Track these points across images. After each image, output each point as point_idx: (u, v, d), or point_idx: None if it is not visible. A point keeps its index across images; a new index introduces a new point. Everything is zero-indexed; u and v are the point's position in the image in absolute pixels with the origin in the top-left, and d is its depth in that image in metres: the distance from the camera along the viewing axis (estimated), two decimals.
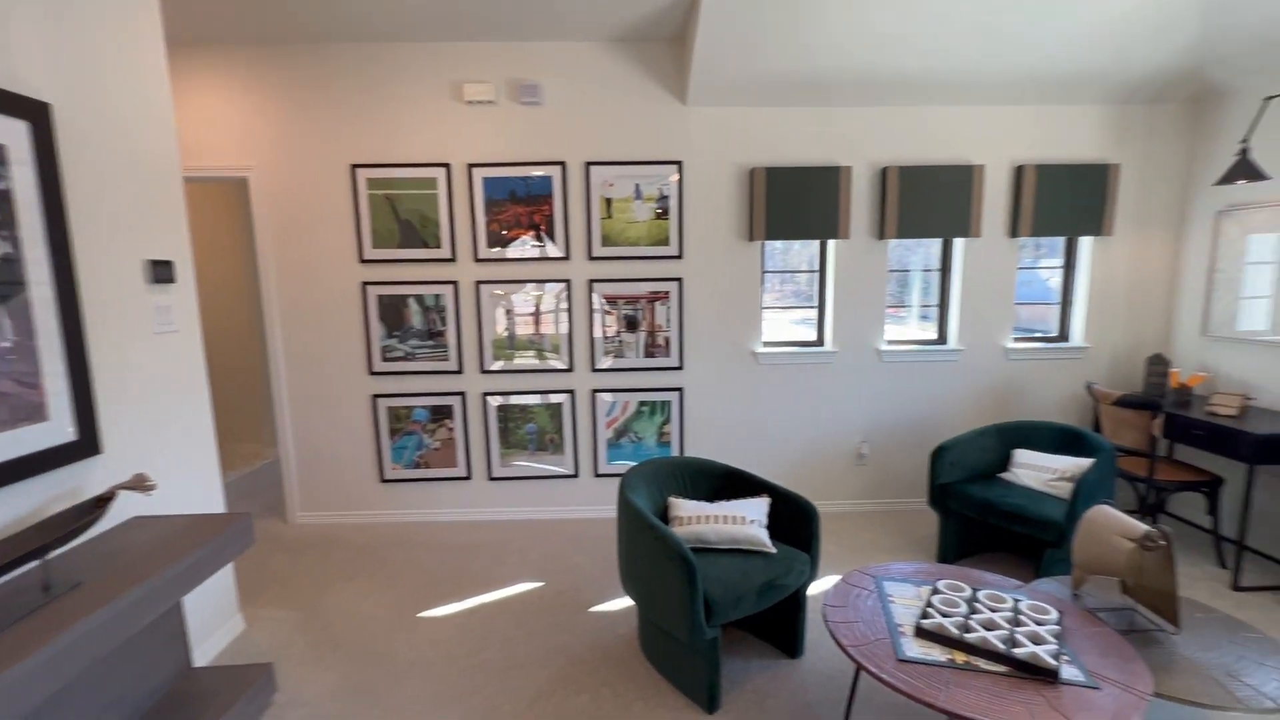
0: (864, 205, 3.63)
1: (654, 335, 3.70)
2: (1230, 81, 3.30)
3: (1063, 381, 3.85)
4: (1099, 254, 3.73)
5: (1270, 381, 3.21)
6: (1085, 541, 2.10)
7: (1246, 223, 3.29)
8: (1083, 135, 3.61)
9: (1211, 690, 1.72)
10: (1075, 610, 1.99)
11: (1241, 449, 2.84)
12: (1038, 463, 3.10)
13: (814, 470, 3.90)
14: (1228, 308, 3.40)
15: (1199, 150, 3.57)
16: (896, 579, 2.16)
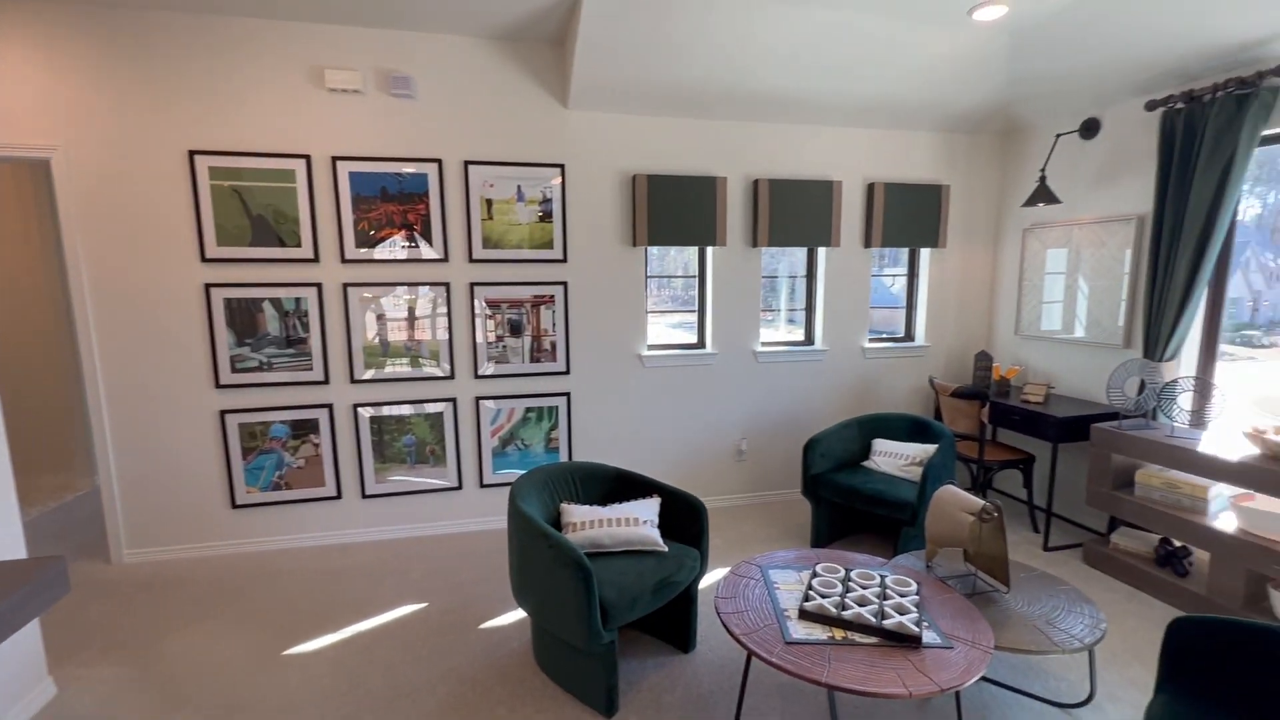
0: (739, 214, 3.83)
1: (539, 340, 3.64)
2: (1031, 119, 3.89)
3: (910, 376, 4.31)
4: (935, 264, 4.23)
5: (1066, 372, 3.82)
6: (935, 518, 2.37)
7: (1045, 239, 3.90)
8: (921, 158, 4.08)
9: (1036, 638, 2.01)
10: (930, 580, 2.23)
11: (1047, 430, 3.36)
12: (893, 450, 3.44)
13: (698, 468, 4.04)
14: (1034, 310, 4.01)
15: (1009, 176, 4.17)
16: (780, 566, 2.30)
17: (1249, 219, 8.52)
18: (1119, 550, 3.12)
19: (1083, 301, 3.66)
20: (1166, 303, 3.05)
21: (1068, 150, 3.69)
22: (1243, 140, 2.73)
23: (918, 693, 1.59)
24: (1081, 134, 3.56)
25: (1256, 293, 8.05)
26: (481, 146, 3.41)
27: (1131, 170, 3.34)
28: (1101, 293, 3.54)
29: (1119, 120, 3.40)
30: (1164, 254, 3.05)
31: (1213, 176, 2.83)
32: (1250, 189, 8.05)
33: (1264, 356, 7.77)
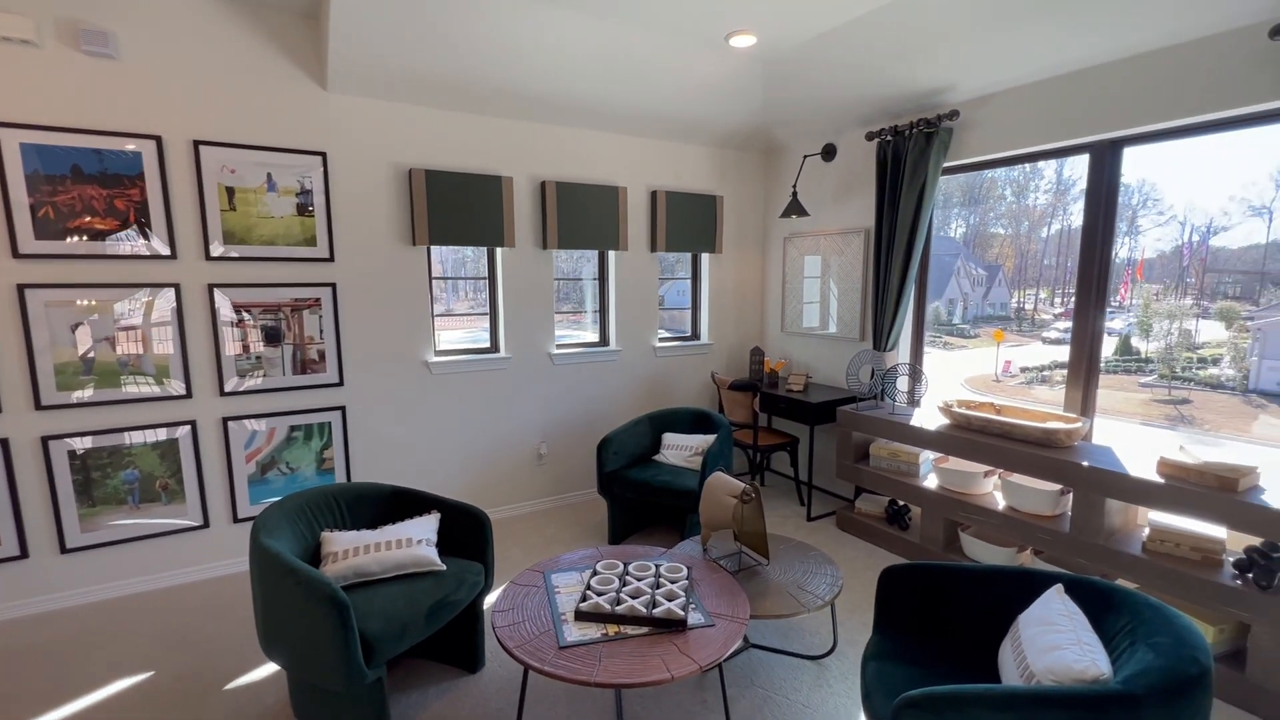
0: (527, 216, 3.78)
1: (303, 349, 3.23)
2: (785, 141, 4.40)
3: (696, 372, 4.63)
4: (714, 268, 4.59)
5: (820, 363, 4.38)
6: (706, 504, 2.54)
7: (801, 247, 4.43)
8: (697, 169, 4.40)
9: (787, 602, 2.25)
10: (703, 563, 2.39)
11: (805, 415, 3.82)
12: (679, 443, 3.65)
13: (498, 476, 3.91)
14: (796, 310, 4.54)
15: (770, 190, 4.67)
16: (563, 569, 2.28)
17: (959, 235, 10.36)
18: (861, 514, 3.66)
19: (834, 302, 4.23)
20: (885, 302, 3.64)
21: (814, 170, 4.24)
22: (931, 169, 3.35)
23: (679, 674, 1.67)
24: (823, 157, 4.11)
25: (965, 294, 9.94)
26: (217, 125, 2.92)
27: (860, 189, 3.94)
28: (845, 294, 4.12)
29: (849, 147, 3.99)
30: (883, 261, 3.64)
31: (913, 197, 3.43)
32: (958, 212, 9.74)
33: (972, 345, 9.55)
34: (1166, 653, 1.33)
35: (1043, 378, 6.85)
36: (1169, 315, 6.68)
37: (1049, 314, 7.89)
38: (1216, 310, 6.55)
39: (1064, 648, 1.43)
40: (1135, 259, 8.12)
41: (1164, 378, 6.68)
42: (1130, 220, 8.24)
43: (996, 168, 3.44)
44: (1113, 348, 7.51)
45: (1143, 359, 6.72)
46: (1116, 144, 2.83)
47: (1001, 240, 9.16)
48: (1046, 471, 2.68)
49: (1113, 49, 2.66)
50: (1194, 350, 6.52)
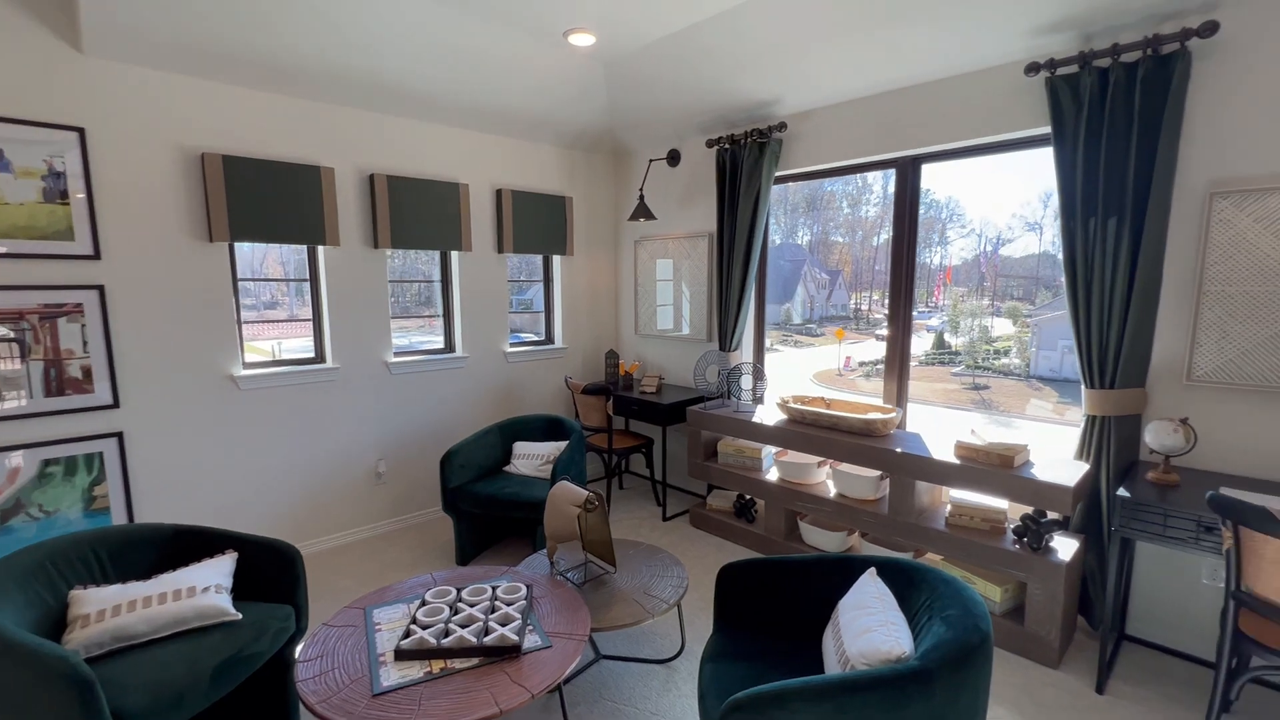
0: (354, 212, 3.43)
1: (60, 365, 2.66)
2: (632, 144, 4.43)
3: (551, 378, 4.51)
4: (566, 270, 4.50)
5: (673, 365, 4.46)
6: (551, 516, 2.44)
7: (652, 250, 4.48)
8: (546, 169, 4.29)
9: (633, 610, 2.20)
10: (546, 579, 2.27)
11: (658, 416, 3.85)
12: (531, 451, 3.51)
13: (330, 500, 3.51)
14: (649, 312, 4.58)
15: (620, 192, 4.68)
16: (389, 603, 2.06)
17: (805, 243, 10.97)
18: (712, 510, 3.75)
19: (685, 304, 4.32)
20: (729, 303, 3.77)
21: (660, 174, 4.30)
22: (764, 178, 3.52)
23: (509, 706, 1.55)
24: (669, 162, 4.19)
25: (812, 297, 10.68)
26: None
27: (703, 195, 4.06)
28: (695, 296, 4.22)
29: (692, 153, 4.09)
30: (725, 264, 3.77)
31: (749, 203, 3.59)
32: (804, 220, 10.36)
33: (819, 343, 10.27)
34: (955, 624, 1.45)
35: (877, 371, 7.61)
36: (971, 314, 7.72)
37: (881, 314, 8.82)
38: (1006, 309, 7.68)
39: (874, 630, 1.51)
40: (945, 266, 9.21)
41: (969, 367, 7.65)
42: (941, 232, 9.29)
43: (820, 178, 3.69)
44: (931, 343, 8.50)
45: (953, 352, 7.63)
46: (916, 161, 3.15)
47: (841, 248, 10.09)
48: (868, 459, 2.90)
49: (911, 75, 2.94)
50: (991, 343, 7.59)
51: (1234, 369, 2.26)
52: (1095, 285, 2.44)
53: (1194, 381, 2.34)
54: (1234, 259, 2.23)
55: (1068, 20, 2.41)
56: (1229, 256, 2.23)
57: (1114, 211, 2.38)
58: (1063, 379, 6.67)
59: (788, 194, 8.80)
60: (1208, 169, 2.27)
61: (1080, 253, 2.47)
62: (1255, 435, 2.25)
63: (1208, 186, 2.27)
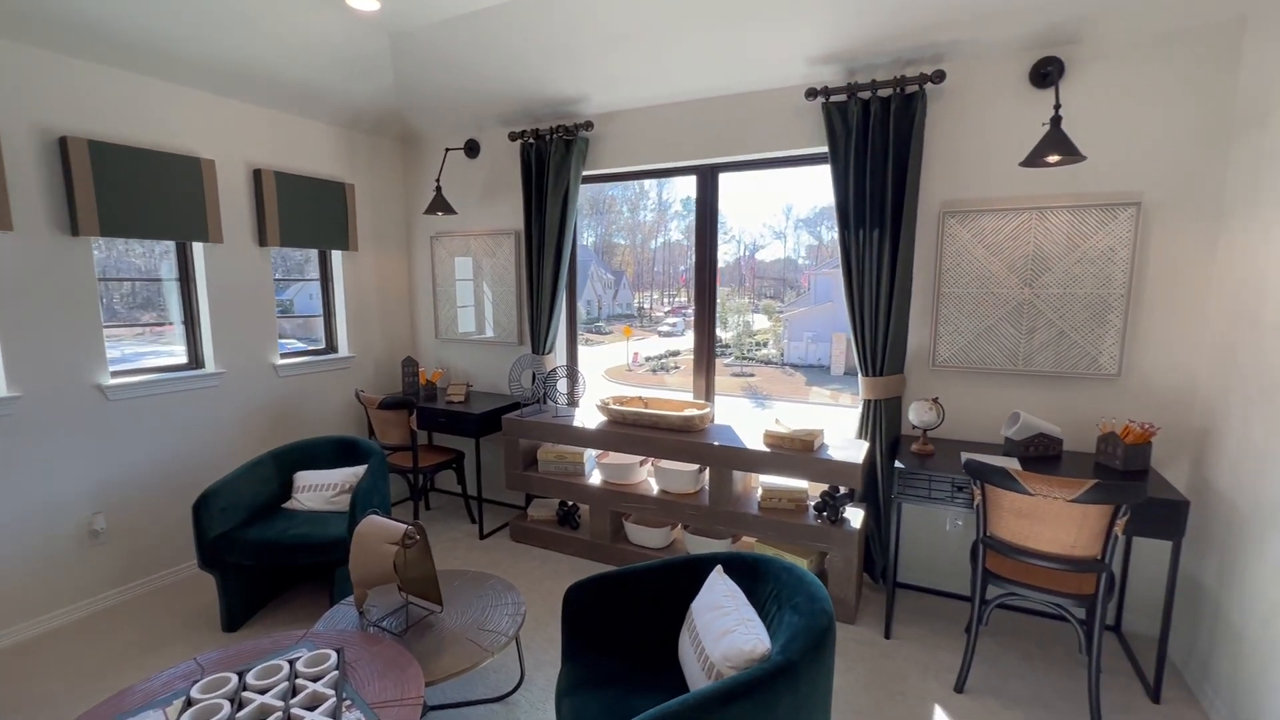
0: (39, 184, 2.55)
1: None
2: (425, 130, 4.03)
3: (338, 392, 3.91)
4: (349, 267, 3.93)
5: (481, 370, 4.17)
6: (358, 557, 2.07)
7: (450, 247, 4.13)
8: (321, 150, 3.68)
9: (469, 652, 1.97)
10: (358, 636, 1.92)
11: (469, 427, 3.56)
12: (318, 482, 2.98)
13: (16, 579, 2.57)
14: (450, 314, 4.22)
15: (412, 182, 4.23)
16: (135, 713, 1.54)
17: (590, 244, 11.26)
18: (534, 520, 3.59)
19: (489, 305, 4.05)
20: (540, 305, 3.63)
21: (458, 165, 3.98)
22: (573, 176, 3.45)
23: None
24: (466, 152, 3.89)
25: (599, 296, 10.90)
26: None
27: (507, 190, 3.85)
28: (501, 297, 3.98)
29: (493, 145, 3.85)
30: (535, 264, 3.62)
31: (559, 202, 3.48)
32: (589, 222, 10.61)
33: (609, 341, 10.51)
34: (805, 611, 1.52)
35: (662, 365, 8.06)
36: (736, 311, 8.59)
37: (661, 312, 9.37)
38: (763, 307, 8.73)
39: (733, 630, 1.52)
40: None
41: (738, 359, 8.50)
42: None
43: (630, 180, 3.74)
44: None
45: (724, 345, 8.33)
46: (715, 169, 3.35)
47: (623, 250, 10.57)
48: (688, 454, 3.01)
49: (711, 86, 3.10)
50: (753, 336, 8.54)
51: (963, 355, 2.79)
52: (867, 287, 2.82)
53: (938, 367, 2.84)
54: (960, 266, 2.74)
55: (836, 55, 2.73)
56: (957, 264, 2.75)
57: (877, 224, 2.77)
58: (808, 365, 7.83)
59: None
60: (941, 191, 2.77)
61: (854, 259, 2.84)
62: (979, 407, 2.82)
63: (941, 206, 2.77)
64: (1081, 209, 2.51)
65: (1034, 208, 2.58)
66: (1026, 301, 2.65)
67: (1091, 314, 2.55)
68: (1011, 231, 2.63)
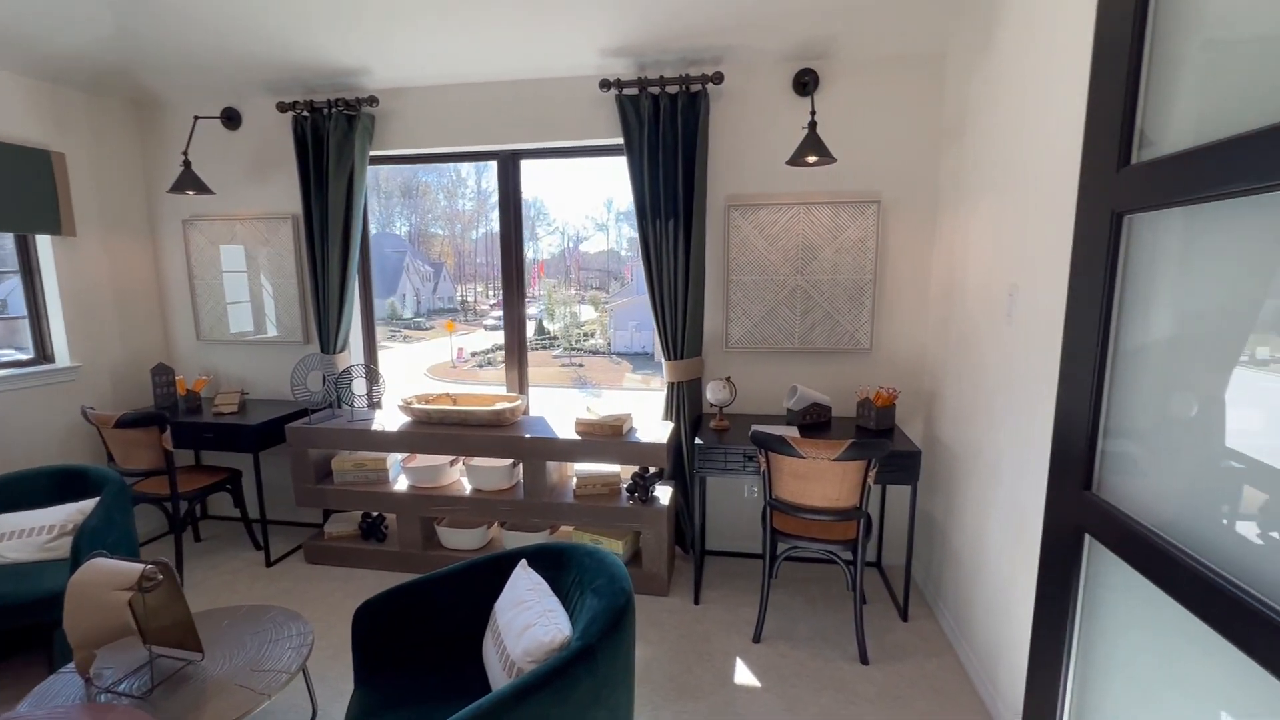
0: None
1: None
2: (167, 93, 3.38)
3: (57, 412, 3.15)
4: (66, 257, 3.18)
5: (259, 375, 3.65)
6: (77, 612, 1.68)
7: (211, 234, 3.53)
8: (10, 107, 2.91)
9: (240, 698, 1.70)
10: (83, 709, 1.56)
11: (244, 441, 3.09)
12: (25, 525, 2.38)
13: None
14: (216, 312, 3.61)
15: (151, 154, 3.54)
16: None
17: (404, 233, 10.33)
18: (332, 538, 3.24)
19: (269, 300, 3.54)
20: (328, 299, 3.26)
21: (215, 137, 3.40)
22: (358, 155, 3.14)
23: None
24: (224, 122, 3.34)
25: (417, 289, 10.18)
26: None
27: (280, 168, 3.38)
28: (282, 290, 3.51)
29: (258, 115, 3.36)
30: (319, 253, 3.24)
31: (342, 184, 3.15)
32: (400, 210, 9.68)
33: (430, 336, 9.88)
34: (604, 592, 1.55)
35: (489, 361, 7.81)
36: (563, 302, 8.62)
37: (486, 305, 9.06)
38: (589, 298, 8.86)
39: (534, 624, 1.49)
40: (538, 259, 9.94)
41: (567, 350, 8.54)
42: (531, 229, 9.96)
43: (425, 163, 3.50)
44: (532, 330, 9.14)
45: (552, 337, 8.35)
46: (516, 155, 3.26)
47: (441, 240, 9.98)
48: (500, 449, 2.92)
49: (508, 69, 3.01)
50: (580, 327, 8.64)
51: (751, 337, 3.06)
52: (665, 276, 2.96)
53: (731, 348, 3.08)
54: (745, 255, 3.00)
55: (626, 48, 2.81)
56: (742, 254, 3.00)
57: (672, 215, 2.91)
58: (633, 353, 8.16)
59: (379, 180, 8.30)
60: (725, 186, 2.99)
61: (653, 249, 2.96)
62: (767, 383, 3.11)
63: (726, 200, 2.99)
64: (838, 205, 2.87)
65: (802, 203, 2.90)
66: (799, 287, 2.98)
67: (850, 297, 2.94)
68: (785, 224, 2.93)
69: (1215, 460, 1.19)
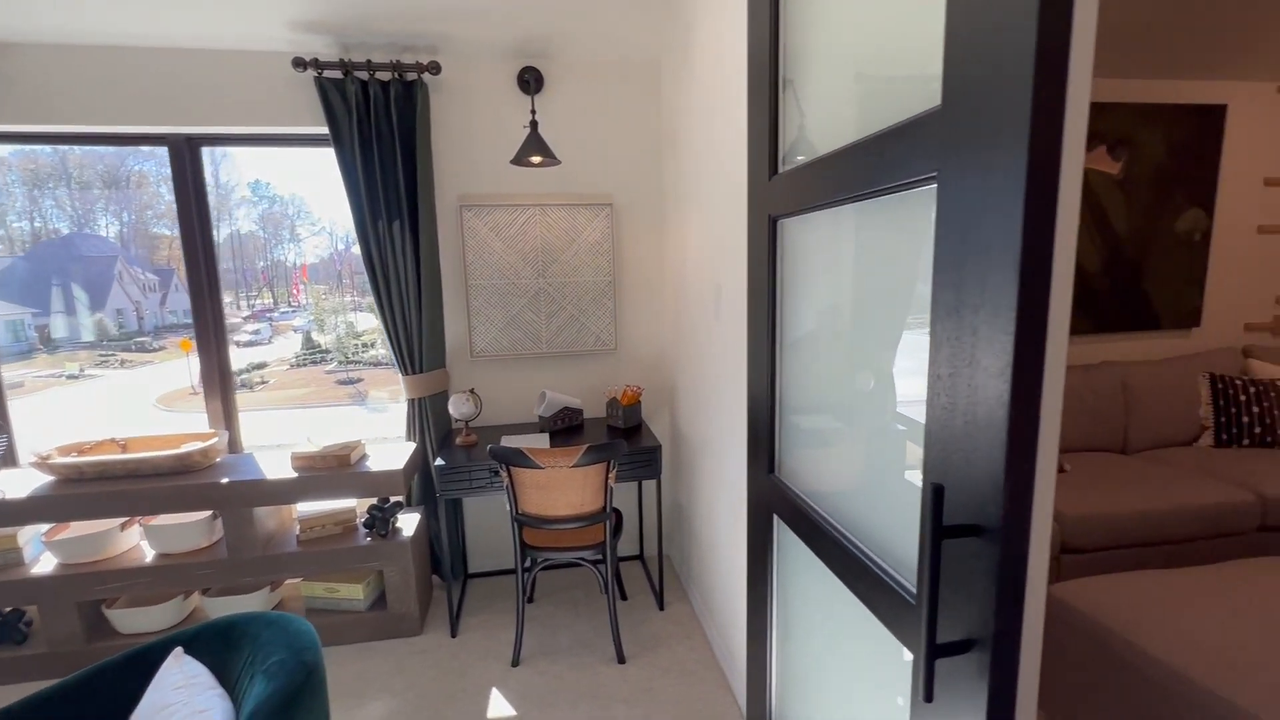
0: None
1: None
2: None
3: None
4: None
5: None
6: None
7: None
8: None
9: None
10: None
11: None
12: None
13: None
14: None
15: None
16: None
17: (114, 235, 8.26)
18: None
19: None
20: None
21: None
22: None
23: None
24: None
25: (137, 302, 8.15)
26: None
27: None
28: None
29: None
30: None
31: None
32: (103, 205, 7.69)
33: (160, 359, 8.03)
34: (277, 673, 1.28)
35: (244, 382, 6.53)
36: (335, 311, 7.61)
37: (238, 317, 7.58)
38: (367, 304, 7.91)
39: None
40: (300, 264, 8.68)
41: (342, 363, 7.56)
42: (291, 229, 8.62)
43: (67, 144, 2.72)
44: (300, 344, 7.98)
45: (324, 350, 7.32)
46: (194, 141, 2.69)
47: (170, 241, 8.12)
48: (190, 501, 2.38)
49: (171, 35, 2.44)
50: (358, 337, 7.70)
51: (497, 343, 2.91)
52: (394, 282, 2.68)
53: (476, 357, 2.91)
54: (483, 258, 2.84)
55: (322, 24, 2.45)
56: (480, 256, 2.83)
57: (396, 215, 2.64)
58: None
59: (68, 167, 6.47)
60: (457, 185, 2.80)
61: (376, 252, 2.65)
62: (517, 391, 3.00)
63: (458, 199, 2.80)
64: (573, 207, 2.86)
65: (537, 204, 2.83)
66: (542, 290, 2.91)
67: (593, 299, 2.96)
68: (521, 226, 2.84)
69: (823, 437, 1.35)
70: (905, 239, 1.00)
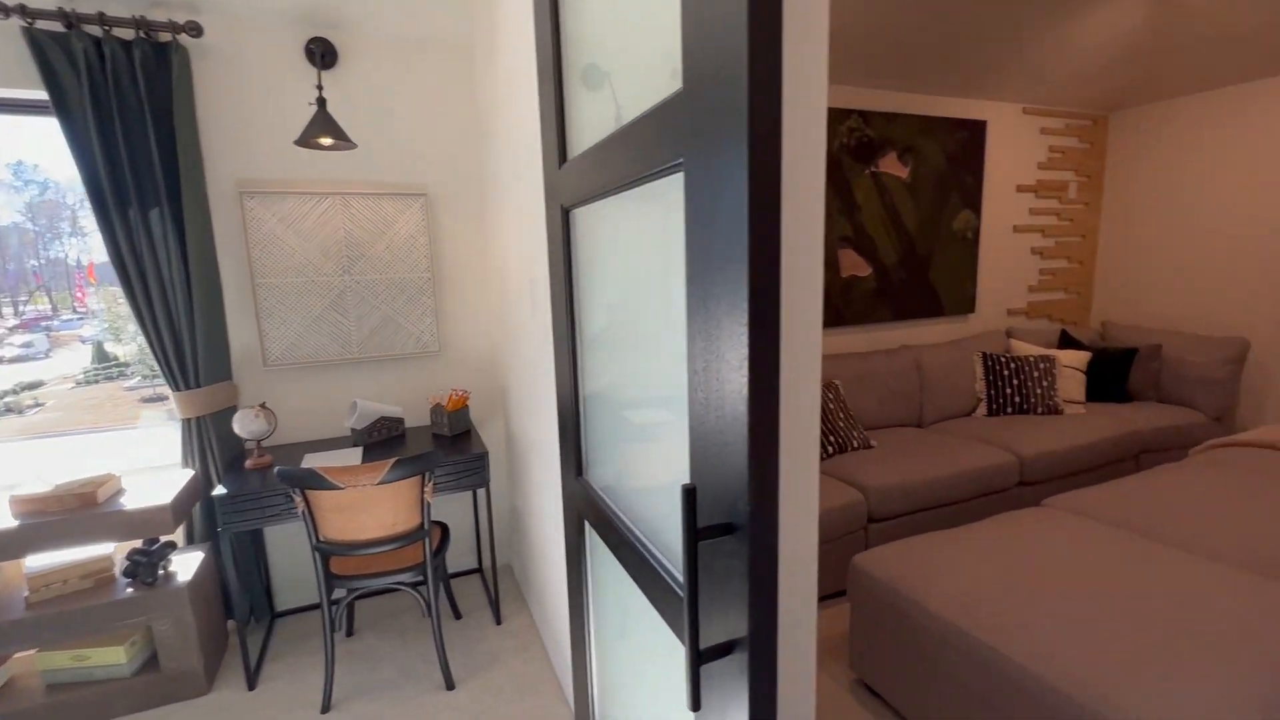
0: None
1: None
2: None
3: None
4: None
5: None
6: None
7: None
8: None
9: None
10: None
11: None
12: None
13: None
14: None
15: None
16: None
17: None
18: None
19: None
20: None
21: None
22: None
23: None
24: None
25: None
26: None
27: None
28: None
29: None
30: None
31: None
32: None
33: None
34: None
35: (7, 406, 5.26)
36: (134, 317, 6.34)
37: (2, 328, 6.08)
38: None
39: None
40: (86, 262, 7.21)
41: (146, 377, 6.36)
42: (72, 221, 7.19)
43: None
44: (91, 357, 6.60)
45: (121, 364, 6.17)
46: None
47: None
48: None
49: None
50: None
51: (296, 350, 2.57)
52: (153, 282, 2.25)
53: (271, 366, 2.54)
54: (272, 254, 2.49)
55: None
56: (268, 251, 2.48)
57: (154, 203, 2.22)
58: None
59: None
60: (234, 169, 2.42)
61: (127, 246, 2.21)
62: (323, 402, 2.68)
63: (237, 186, 2.42)
64: (380, 197, 2.60)
65: (337, 193, 2.53)
66: (349, 288, 2.62)
67: (408, 297, 2.72)
68: (319, 217, 2.52)
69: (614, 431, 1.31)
70: (672, 229, 0.96)
